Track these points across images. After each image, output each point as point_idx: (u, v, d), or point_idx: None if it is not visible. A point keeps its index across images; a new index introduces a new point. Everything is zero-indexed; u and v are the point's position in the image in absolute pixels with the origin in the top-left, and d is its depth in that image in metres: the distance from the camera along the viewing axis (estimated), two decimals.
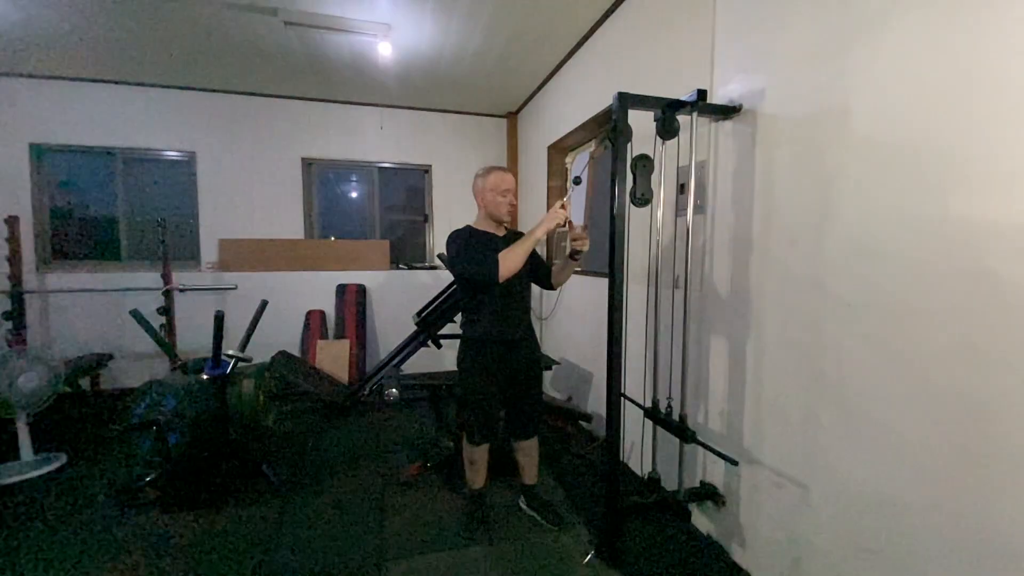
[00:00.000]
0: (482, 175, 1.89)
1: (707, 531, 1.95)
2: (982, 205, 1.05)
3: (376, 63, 3.42)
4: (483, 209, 1.91)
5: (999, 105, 1.02)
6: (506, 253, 1.70)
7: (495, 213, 1.88)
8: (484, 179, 1.87)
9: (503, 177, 1.87)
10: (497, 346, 1.87)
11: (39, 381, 2.44)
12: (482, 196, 1.88)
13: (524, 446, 2.05)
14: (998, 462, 1.03)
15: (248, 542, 1.91)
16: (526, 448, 2.06)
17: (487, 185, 1.86)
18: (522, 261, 1.72)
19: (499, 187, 1.85)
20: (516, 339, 1.90)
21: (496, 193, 1.85)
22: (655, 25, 2.32)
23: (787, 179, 1.55)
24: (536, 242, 1.73)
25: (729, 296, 1.81)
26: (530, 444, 2.05)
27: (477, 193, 1.90)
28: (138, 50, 3.21)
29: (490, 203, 1.87)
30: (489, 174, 1.87)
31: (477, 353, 1.89)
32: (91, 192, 3.94)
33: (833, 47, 1.39)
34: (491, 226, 1.92)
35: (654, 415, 1.87)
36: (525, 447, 2.05)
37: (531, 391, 2.00)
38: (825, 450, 1.44)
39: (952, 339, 1.10)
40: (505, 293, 1.86)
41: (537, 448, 2.09)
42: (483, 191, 1.87)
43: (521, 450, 2.06)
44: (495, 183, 1.85)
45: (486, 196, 1.87)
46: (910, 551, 1.21)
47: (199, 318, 3.80)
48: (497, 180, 1.86)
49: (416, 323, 3.68)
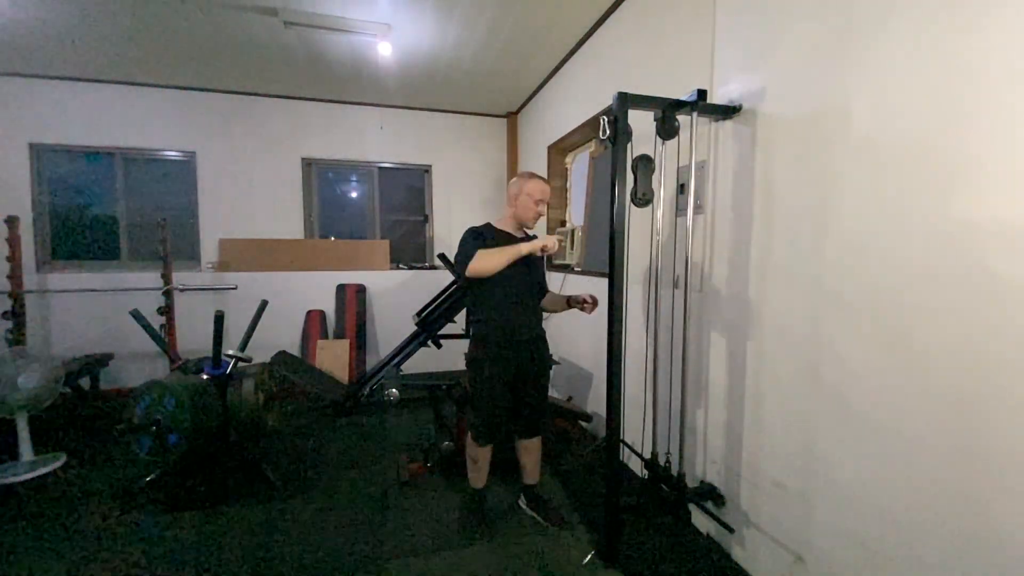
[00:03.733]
0: (524, 179, 1.93)
1: (707, 531, 1.95)
2: (982, 205, 1.05)
3: (376, 63, 3.42)
4: (512, 209, 1.95)
5: (999, 105, 1.02)
6: (484, 255, 1.75)
7: (524, 217, 1.93)
8: (525, 183, 1.91)
9: (543, 187, 1.92)
10: (509, 345, 1.89)
11: (39, 381, 2.44)
12: (517, 198, 1.92)
13: (528, 445, 2.05)
14: (998, 462, 1.03)
15: (248, 542, 1.92)
16: (530, 447, 2.06)
17: (526, 189, 1.90)
18: (495, 268, 1.75)
19: (536, 194, 1.90)
20: (528, 339, 1.93)
21: (532, 199, 1.90)
22: (655, 25, 2.33)
23: (787, 179, 1.55)
24: (519, 255, 1.76)
25: (729, 296, 1.81)
26: (534, 443, 2.06)
27: (513, 194, 1.94)
28: (138, 50, 3.21)
29: (523, 207, 1.92)
30: (531, 180, 1.92)
31: (488, 351, 1.89)
32: (91, 192, 3.94)
33: (833, 47, 1.39)
34: (512, 227, 1.97)
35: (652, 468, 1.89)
36: (529, 446, 2.05)
37: (538, 390, 2.00)
38: (825, 450, 1.44)
39: (952, 339, 1.10)
40: (512, 293, 1.89)
41: (540, 448, 2.10)
42: (519, 194, 1.91)
43: (524, 449, 2.06)
44: (534, 190, 1.90)
45: (521, 199, 1.91)
46: (910, 551, 1.21)
47: (199, 318, 3.80)
48: (537, 188, 1.91)
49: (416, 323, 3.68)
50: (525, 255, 1.77)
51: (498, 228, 1.96)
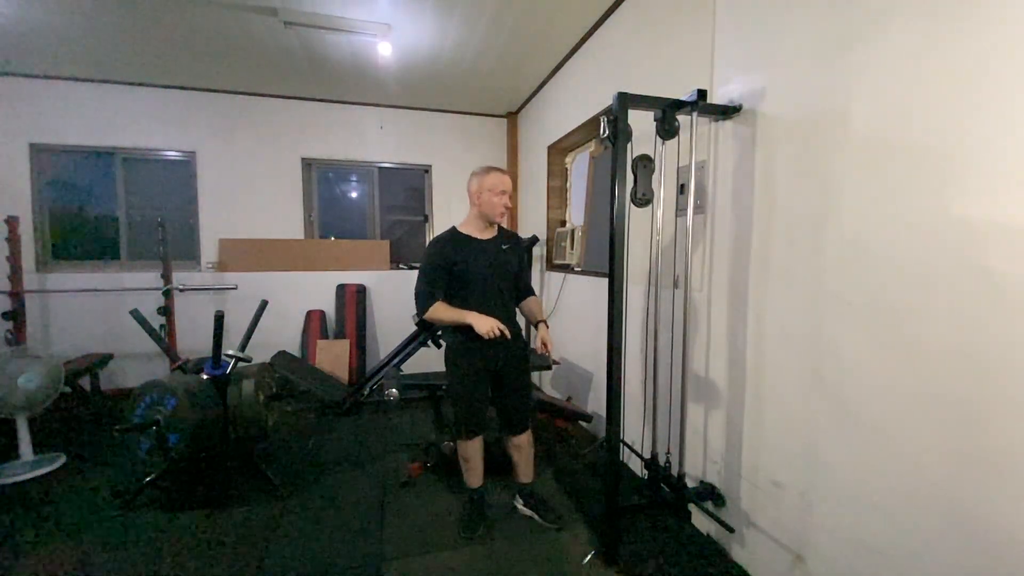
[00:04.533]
0: (480, 174, 1.90)
1: (707, 531, 1.95)
2: (982, 205, 1.05)
3: (376, 63, 3.42)
4: (476, 208, 1.92)
5: (999, 105, 1.02)
6: (441, 310, 1.83)
7: (489, 212, 1.91)
8: (482, 178, 1.89)
9: (501, 178, 1.89)
10: (482, 346, 1.87)
11: (39, 381, 2.44)
12: (478, 195, 1.90)
13: (518, 442, 2.05)
14: (997, 461, 1.03)
15: (248, 542, 1.92)
16: (520, 444, 2.05)
17: (485, 185, 1.88)
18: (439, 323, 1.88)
19: (497, 187, 1.88)
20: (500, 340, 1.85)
21: (493, 193, 1.88)
22: (655, 25, 2.32)
23: (787, 179, 1.55)
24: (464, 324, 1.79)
25: (729, 296, 1.81)
26: (523, 439, 2.05)
27: (473, 192, 1.91)
28: (138, 50, 3.21)
29: (486, 203, 1.89)
30: (488, 174, 1.89)
31: (462, 352, 1.91)
32: (91, 192, 3.94)
33: (833, 47, 1.39)
34: (478, 227, 1.94)
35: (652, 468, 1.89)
36: (519, 443, 2.05)
37: (519, 385, 2.01)
38: (825, 449, 1.44)
39: (951, 339, 1.10)
40: (481, 291, 1.90)
41: (531, 444, 2.09)
42: (480, 190, 1.89)
43: (515, 447, 2.06)
44: (494, 183, 1.88)
45: (483, 195, 1.89)
46: (910, 550, 1.21)
47: (199, 318, 3.80)
48: (496, 180, 1.88)
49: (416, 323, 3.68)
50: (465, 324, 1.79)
51: (463, 233, 1.93)
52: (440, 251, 1.87)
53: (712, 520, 1.73)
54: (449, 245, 1.88)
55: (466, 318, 1.79)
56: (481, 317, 1.78)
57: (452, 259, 1.86)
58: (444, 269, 1.85)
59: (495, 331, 1.76)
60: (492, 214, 1.90)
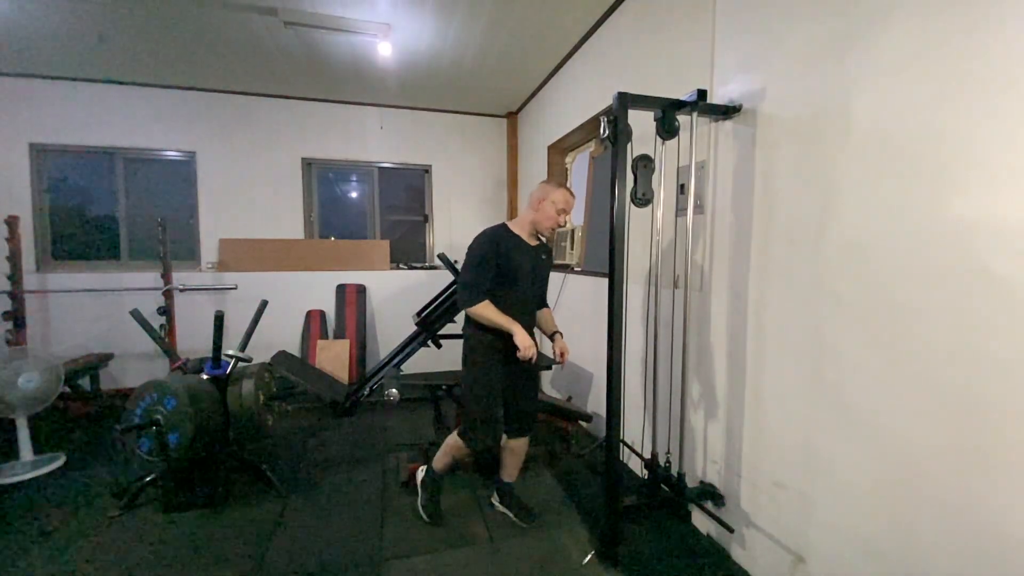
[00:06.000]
0: (552, 186, 1.89)
1: (707, 531, 1.95)
2: (981, 205, 1.05)
3: (376, 63, 3.42)
4: (533, 214, 1.91)
5: (999, 105, 1.02)
6: (488, 310, 1.79)
7: (543, 225, 1.91)
8: (552, 191, 1.88)
9: (568, 198, 1.90)
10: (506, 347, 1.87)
11: (39, 381, 2.44)
12: (540, 203, 1.89)
13: (515, 446, 2.04)
14: (997, 460, 1.03)
15: (248, 542, 1.91)
16: (516, 448, 2.05)
17: (551, 196, 1.87)
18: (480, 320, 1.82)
19: (560, 203, 1.88)
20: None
21: (555, 208, 1.88)
22: (655, 25, 2.32)
23: (787, 179, 1.55)
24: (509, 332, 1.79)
25: (729, 296, 1.81)
26: (521, 444, 2.05)
27: (537, 199, 1.90)
28: (138, 50, 3.21)
29: (544, 215, 1.89)
30: (559, 189, 1.88)
31: (486, 351, 1.89)
32: (91, 192, 3.94)
33: (833, 47, 1.39)
34: (528, 231, 1.94)
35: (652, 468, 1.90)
36: (516, 447, 2.05)
37: (529, 391, 2.01)
38: (824, 449, 1.44)
39: (951, 338, 1.11)
40: (519, 300, 1.90)
41: (526, 449, 2.09)
42: (544, 200, 1.88)
43: (511, 450, 2.05)
44: (560, 199, 1.88)
45: (545, 206, 1.88)
46: (910, 550, 1.21)
47: (199, 318, 3.80)
48: (562, 197, 1.88)
49: (416, 323, 3.68)
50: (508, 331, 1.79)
51: (513, 232, 1.92)
52: (493, 243, 1.84)
53: (712, 520, 1.73)
54: (502, 240, 1.87)
55: (512, 327, 1.78)
56: (524, 332, 1.78)
57: (502, 251, 1.84)
58: (492, 262, 1.83)
59: (530, 353, 1.77)
60: (545, 226, 1.91)
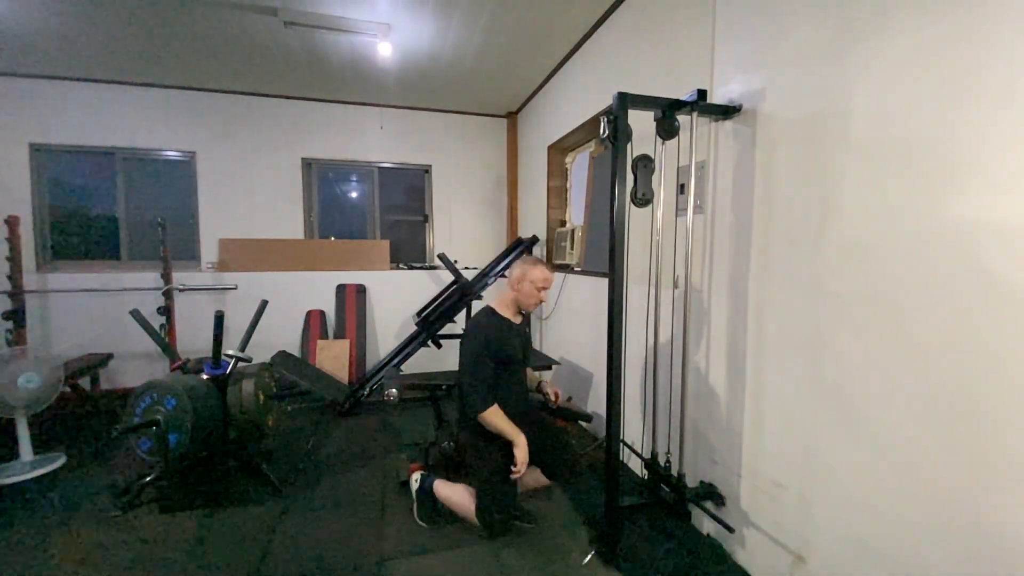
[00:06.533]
0: (529, 266, 1.93)
1: (707, 531, 1.95)
2: (982, 205, 1.05)
3: (376, 63, 3.42)
4: (513, 294, 1.96)
5: (999, 105, 1.02)
6: (497, 417, 1.81)
7: (526, 303, 1.95)
8: (530, 270, 1.92)
9: (547, 275, 1.93)
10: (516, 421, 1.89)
11: (39, 381, 2.44)
12: (520, 284, 1.93)
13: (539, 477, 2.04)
14: (996, 461, 1.03)
15: (248, 542, 1.91)
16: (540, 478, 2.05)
17: (528, 276, 1.91)
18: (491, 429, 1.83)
19: (539, 282, 1.92)
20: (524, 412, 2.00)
21: (535, 287, 1.91)
22: (655, 25, 2.33)
23: (787, 179, 1.55)
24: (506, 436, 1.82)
25: (729, 296, 1.81)
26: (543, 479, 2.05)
27: (516, 279, 1.94)
28: (138, 50, 3.21)
29: (526, 294, 1.92)
30: (535, 267, 1.92)
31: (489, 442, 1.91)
32: (91, 192, 3.94)
33: (833, 47, 1.39)
34: (512, 311, 1.98)
35: (652, 468, 1.90)
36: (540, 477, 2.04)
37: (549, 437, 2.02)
38: (824, 449, 1.44)
39: (951, 338, 1.10)
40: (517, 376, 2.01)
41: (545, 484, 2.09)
42: (522, 280, 1.92)
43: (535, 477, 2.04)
44: (539, 278, 1.91)
45: (524, 286, 1.92)
46: (910, 550, 1.21)
47: (199, 318, 3.80)
48: (540, 275, 1.92)
49: (416, 323, 3.68)
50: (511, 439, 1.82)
51: (501, 315, 1.96)
52: (484, 340, 1.87)
53: (712, 520, 1.73)
54: (492, 331, 1.90)
55: (517, 438, 1.81)
56: (525, 447, 1.81)
57: (494, 346, 1.87)
58: (488, 357, 1.86)
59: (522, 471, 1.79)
60: (527, 305, 1.95)
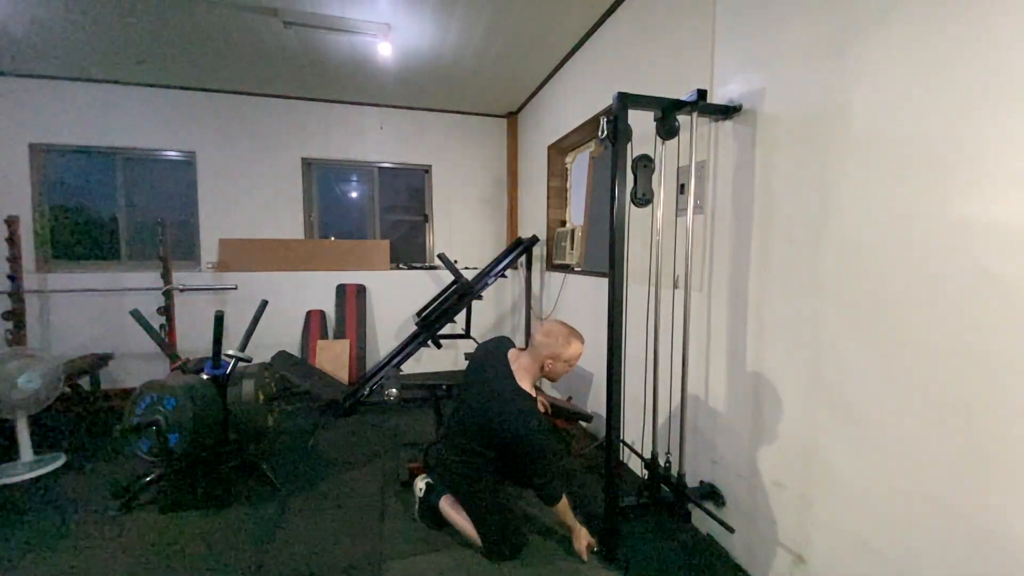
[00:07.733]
0: (565, 344, 1.84)
1: (707, 531, 1.95)
2: (982, 205, 1.05)
3: (376, 63, 3.42)
4: (543, 366, 1.86)
5: (999, 104, 1.02)
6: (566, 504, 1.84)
7: (554, 377, 1.90)
8: (567, 348, 1.84)
9: (581, 352, 1.89)
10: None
11: (39, 381, 2.44)
12: (554, 359, 1.84)
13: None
14: (996, 461, 1.03)
15: (248, 542, 1.91)
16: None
17: (565, 355, 1.84)
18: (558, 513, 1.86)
19: (573, 360, 1.87)
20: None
21: (568, 364, 1.87)
22: (655, 25, 2.32)
23: (787, 179, 1.55)
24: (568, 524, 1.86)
25: (729, 296, 1.81)
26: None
27: (550, 354, 1.83)
28: (138, 50, 3.21)
29: (557, 370, 1.87)
30: (571, 345, 1.85)
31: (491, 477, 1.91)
32: (91, 192, 3.94)
33: (833, 47, 1.39)
34: (529, 382, 1.89)
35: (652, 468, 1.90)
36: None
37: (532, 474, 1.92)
38: (824, 450, 1.44)
39: (951, 339, 1.10)
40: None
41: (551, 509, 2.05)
42: (559, 357, 1.84)
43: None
44: (574, 355, 1.86)
45: (558, 365, 1.85)
46: (910, 550, 1.21)
47: (199, 318, 3.80)
48: (577, 353, 1.87)
49: (416, 323, 3.68)
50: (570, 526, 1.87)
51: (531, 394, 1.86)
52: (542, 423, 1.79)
53: (712, 520, 1.73)
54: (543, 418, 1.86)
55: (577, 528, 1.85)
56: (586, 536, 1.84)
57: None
58: None
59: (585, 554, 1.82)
60: (555, 378, 1.91)
